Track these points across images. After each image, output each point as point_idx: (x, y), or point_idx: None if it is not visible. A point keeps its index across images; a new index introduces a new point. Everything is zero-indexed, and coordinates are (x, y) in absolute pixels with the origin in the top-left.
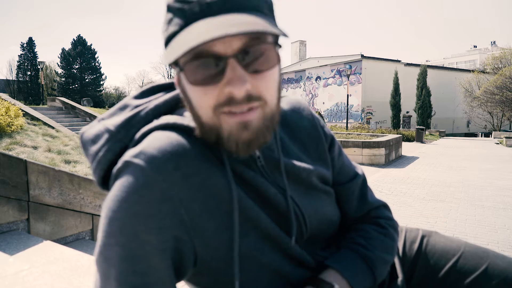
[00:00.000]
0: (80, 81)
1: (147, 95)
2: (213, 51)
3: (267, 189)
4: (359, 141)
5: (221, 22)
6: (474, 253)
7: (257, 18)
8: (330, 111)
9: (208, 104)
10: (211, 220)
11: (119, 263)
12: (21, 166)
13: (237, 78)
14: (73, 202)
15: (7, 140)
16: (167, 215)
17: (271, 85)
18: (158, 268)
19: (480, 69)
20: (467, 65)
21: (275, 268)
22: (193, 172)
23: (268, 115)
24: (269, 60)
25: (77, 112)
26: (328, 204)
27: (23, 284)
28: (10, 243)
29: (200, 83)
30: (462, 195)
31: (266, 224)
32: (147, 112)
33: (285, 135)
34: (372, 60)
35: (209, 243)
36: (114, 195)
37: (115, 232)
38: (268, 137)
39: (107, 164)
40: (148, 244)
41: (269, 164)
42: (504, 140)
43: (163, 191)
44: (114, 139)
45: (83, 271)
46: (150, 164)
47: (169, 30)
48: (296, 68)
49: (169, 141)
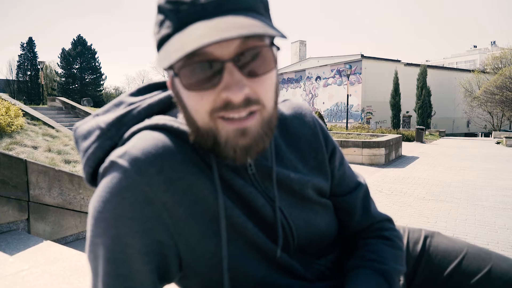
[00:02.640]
0: (80, 81)
1: (144, 92)
2: (209, 55)
3: (254, 199)
4: (359, 141)
5: (218, 25)
6: (477, 255)
7: (254, 20)
8: (330, 111)
9: (204, 109)
10: (196, 226)
11: (104, 263)
12: (21, 166)
13: (235, 83)
14: (73, 202)
15: (7, 140)
16: (149, 219)
17: (269, 88)
18: (140, 271)
19: (480, 69)
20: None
21: (262, 278)
22: (178, 177)
23: (266, 119)
24: (267, 63)
25: (77, 112)
26: (322, 216)
27: (23, 284)
28: (10, 243)
29: (196, 88)
30: (462, 195)
31: (252, 232)
32: (139, 111)
33: (282, 142)
34: (372, 60)
35: (194, 249)
36: (99, 195)
37: (100, 232)
38: (266, 143)
39: (95, 161)
40: (131, 247)
41: (260, 172)
42: (504, 140)
43: (145, 193)
44: (104, 137)
45: (83, 271)
46: (133, 166)
47: (162, 32)
48: (296, 68)
49: (154, 142)
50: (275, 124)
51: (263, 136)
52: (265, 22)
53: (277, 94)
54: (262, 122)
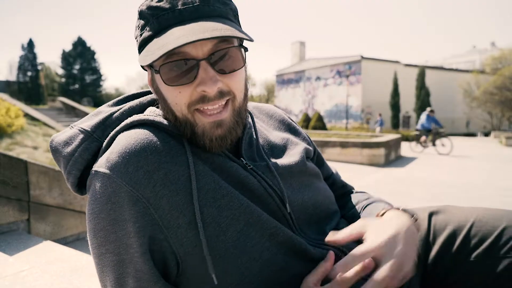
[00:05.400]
0: (80, 81)
1: (122, 103)
2: (186, 55)
3: (246, 178)
4: (359, 142)
5: (194, 28)
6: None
7: (224, 25)
8: (330, 112)
9: (182, 101)
10: (181, 217)
11: (113, 268)
12: (21, 167)
13: (209, 78)
14: (73, 202)
15: (7, 140)
16: (139, 217)
17: (239, 82)
18: (142, 271)
19: (479, 70)
20: (466, 65)
21: (268, 258)
22: (155, 168)
23: (237, 109)
24: (236, 61)
25: (77, 113)
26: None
27: (23, 284)
28: (11, 243)
29: (174, 83)
30: (462, 195)
31: (250, 208)
32: (122, 113)
33: (263, 125)
34: (371, 61)
35: (183, 241)
36: (91, 208)
37: (102, 242)
38: (239, 131)
39: (83, 164)
40: (131, 248)
41: (259, 168)
42: (504, 140)
43: (129, 194)
44: (90, 139)
45: (83, 271)
46: (113, 171)
47: (144, 35)
48: (296, 69)
49: (128, 141)
50: (245, 115)
51: (235, 125)
52: (234, 27)
53: (246, 88)
54: (233, 112)
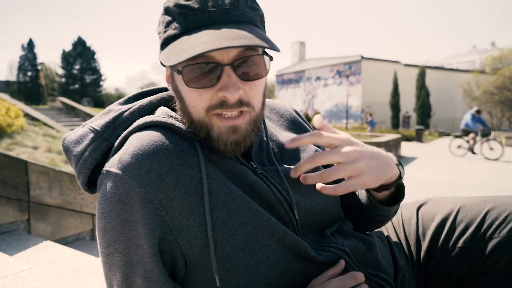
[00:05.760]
0: (80, 81)
1: (132, 101)
2: (211, 58)
3: (256, 182)
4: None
5: (225, 34)
6: (473, 204)
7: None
8: (330, 112)
9: (201, 104)
10: (192, 219)
11: (122, 268)
12: (21, 167)
13: (232, 84)
14: (73, 202)
15: (7, 140)
16: (150, 219)
17: (259, 92)
18: (152, 271)
19: (479, 70)
20: (466, 65)
21: (274, 260)
22: (167, 170)
23: (253, 119)
24: (259, 69)
25: (77, 113)
26: None
27: (23, 285)
28: (11, 244)
29: (196, 85)
30: (462, 195)
31: (260, 213)
32: (132, 112)
33: (275, 126)
34: (371, 61)
35: (192, 242)
36: (102, 207)
37: (111, 241)
38: (253, 138)
39: (93, 163)
40: (141, 248)
41: (268, 172)
42: (504, 140)
43: (141, 196)
44: (100, 138)
45: (83, 271)
46: (126, 172)
47: (169, 32)
48: (296, 69)
49: (141, 143)
50: (261, 123)
51: (251, 132)
52: (263, 35)
53: (264, 97)
54: (250, 121)
